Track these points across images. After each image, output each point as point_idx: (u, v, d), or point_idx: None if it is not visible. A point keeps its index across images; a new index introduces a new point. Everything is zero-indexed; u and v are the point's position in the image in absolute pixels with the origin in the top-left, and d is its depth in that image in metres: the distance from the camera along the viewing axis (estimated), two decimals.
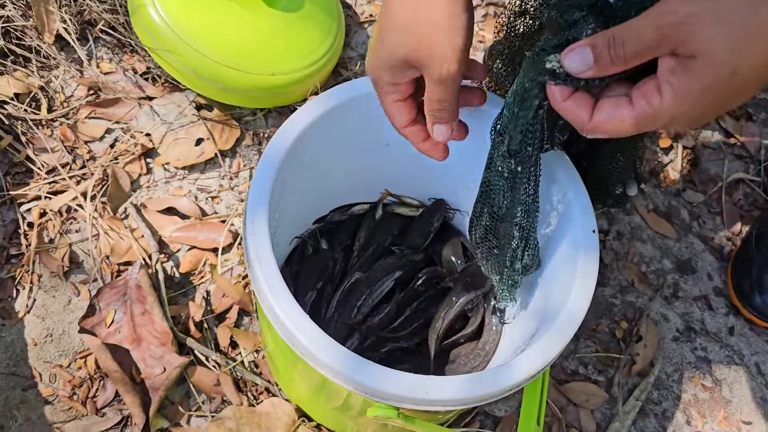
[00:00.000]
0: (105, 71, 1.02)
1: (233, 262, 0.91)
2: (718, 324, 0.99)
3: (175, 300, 0.88)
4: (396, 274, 0.85)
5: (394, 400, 0.56)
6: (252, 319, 0.89)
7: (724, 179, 1.10)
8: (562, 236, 0.68)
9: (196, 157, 0.97)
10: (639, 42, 0.41)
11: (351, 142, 0.72)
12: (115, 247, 0.89)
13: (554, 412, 0.88)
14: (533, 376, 0.60)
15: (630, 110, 0.43)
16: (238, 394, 0.83)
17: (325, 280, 0.84)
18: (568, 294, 0.63)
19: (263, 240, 0.58)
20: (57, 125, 0.97)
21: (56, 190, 0.93)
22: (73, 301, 0.87)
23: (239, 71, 0.94)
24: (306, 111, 0.65)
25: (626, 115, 0.43)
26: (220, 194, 0.96)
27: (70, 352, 0.84)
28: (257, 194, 0.60)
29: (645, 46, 0.40)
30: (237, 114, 1.02)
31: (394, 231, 0.88)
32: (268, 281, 0.56)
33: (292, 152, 0.63)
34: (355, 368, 0.54)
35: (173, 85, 1.01)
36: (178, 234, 0.92)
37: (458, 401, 0.56)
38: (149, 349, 0.83)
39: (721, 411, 0.93)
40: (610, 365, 0.93)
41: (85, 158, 0.95)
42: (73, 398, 0.81)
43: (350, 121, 0.69)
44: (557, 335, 0.61)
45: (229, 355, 0.86)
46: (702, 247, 1.04)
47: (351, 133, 0.71)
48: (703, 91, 0.40)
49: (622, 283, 0.99)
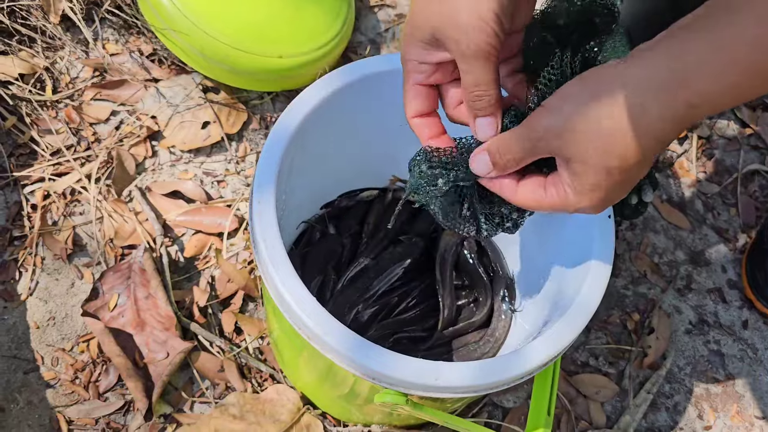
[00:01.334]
0: (111, 52, 1.00)
1: (239, 248, 0.90)
2: (732, 317, 0.97)
3: (179, 285, 0.87)
4: (406, 262, 0.83)
5: (403, 386, 0.54)
6: (257, 305, 0.88)
7: (740, 170, 1.08)
8: (575, 221, 0.66)
9: (202, 140, 0.96)
10: (520, 150, 0.45)
11: (360, 122, 0.71)
12: (119, 230, 0.88)
13: (563, 403, 0.87)
14: (545, 364, 0.58)
15: (545, 195, 0.46)
16: (242, 380, 0.81)
17: (332, 265, 0.82)
18: (583, 281, 0.61)
19: (270, 220, 0.56)
20: (62, 107, 0.96)
21: (60, 172, 0.91)
22: (76, 284, 0.85)
23: (247, 53, 0.92)
24: (315, 89, 0.64)
25: (543, 198, 0.46)
26: (226, 178, 0.95)
27: (72, 335, 0.83)
28: (265, 172, 0.58)
29: (526, 153, 0.44)
30: (244, 97, 1.00)
31: (402, 217, 0.87)
32: (274, 262, 0.54)
33: (300, 131, 0.62)
34: (363, 352, 0.53)
35: (180, 67, 1.00)
36: (183, 218, 0.90)
37: (469, 388, 0.55)
38: (153, 333, 0.82)
39: (733, 405, 0.91)
40: (621, 357, 0.91)
41: (90, 140, 0.94)
42: (75, 382, 0.80)
43: (360, 101, 0.67)
44: (570, 323, 0.59)
45: (233, 341, 0.84)
46: (716, 238, 1.02)
47: (360, 113, 0.69)
48: (593, 188, 0.43)
49: (634, 274, 0.97)
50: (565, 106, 0.41)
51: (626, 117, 0.39)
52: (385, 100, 0.63)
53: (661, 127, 0.39)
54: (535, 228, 0.70)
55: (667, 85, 0.38)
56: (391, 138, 0.77)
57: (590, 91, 0.41)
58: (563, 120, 0.41)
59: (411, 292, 0.83)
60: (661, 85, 0.38)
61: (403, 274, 0.83)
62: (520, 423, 0.84)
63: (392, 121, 0.73)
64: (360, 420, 0.80)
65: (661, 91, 0.38)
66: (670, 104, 0.39)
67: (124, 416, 0.79)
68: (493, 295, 0.81)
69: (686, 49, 0.38)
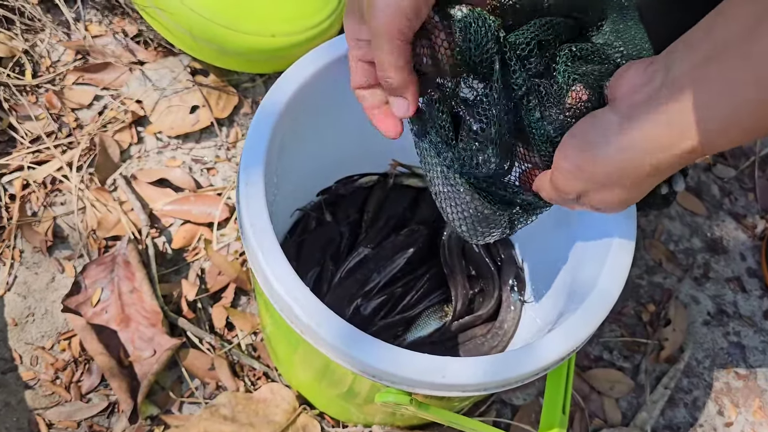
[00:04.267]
0: (94, 34, 0.95)
1: (230, 238, 0.85)
2: (752, 307, 0.92)
3: (166, 278, 0.82)
4: (408, 252, 0.78)
5: (406, 384, 0.49)
6: (249, 299, 0.83)
7: (757, 153, 1.03)
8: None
9: (190, 125, 0.91)
10: (574, 191, 0.46)
11: (356, 100, 0.65)
12: (103, 220, 0.83)
13: (577, 400, 0.82)
14: (561, 359, 0.53)
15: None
16: (234, 379, 0.76)
17: (330, 255, 0.77)
18: (600, 269, 0.56)
19: (258, 203, 0.51)
20: (42, 92, 0.91)
21: (40, 160, 0.86)
22: (56, 279, 0.80)
23: (237, 32, 0.86)
24: (307, 62, 0.58)
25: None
26: (216, 165, 0.90)
27: (53, 333, 0.78)
28: (252, 152, 0.53)
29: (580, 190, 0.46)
30: (235, 80, 0.95)
31: (404, 204, 0.82)
32: (263, 248, 0.49)
33: (290, 107, 0.57)
34: (361, 347, 0.48)
35: (167, 49, 0.94)
36: (171, 207, 0.85)
37: (478, 386, 0.50)
38: (138, 330, 0.77)
39: (755, 400, 0.86)
40: (637, 351, 0.86)
41: (72, 126, 0.89)
42: (55, 382, 0.75)
43: None
44: (588, 315, 0.54)
45: (224, 338, 0.79)
46: (734, 225, 0.97)
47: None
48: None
49: (649, 263, 0.92)
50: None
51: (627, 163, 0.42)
52: None
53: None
54: (548, 211, 0.65)
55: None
56: None
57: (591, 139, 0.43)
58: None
59: (416, 283, 0.78)
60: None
61: (405, 264, 0.78)
62: (530, 421, 0.79)
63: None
64: (360, 420, 0.75)
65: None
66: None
67: (108, 418, 0.74)
68: (501, 285, 0.76)
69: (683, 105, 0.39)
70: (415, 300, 0.78)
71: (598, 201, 0.45)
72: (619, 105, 0.43)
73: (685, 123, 0.39)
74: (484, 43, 0.43)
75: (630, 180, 0.43)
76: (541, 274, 0.73)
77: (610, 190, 0.44)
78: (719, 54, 0.39)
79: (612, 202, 0.45)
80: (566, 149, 0.45)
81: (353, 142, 0.74)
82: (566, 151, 0.44)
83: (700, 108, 0.39)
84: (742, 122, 0.38)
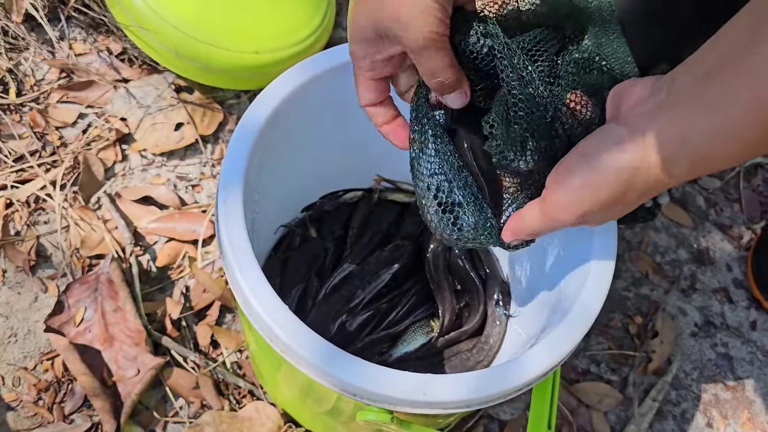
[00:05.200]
0: (78, 53, 0.95)
1: (215, 255, 0.84)
2: (739, 318, 0.92)
3: (151, 296, 0.81)
4: (394, 268, 0.78)
5: (387, 402, 0.49)
6: (235, 316, 0.82)
7: (742, 164, 1.03)
8: None
9: (175, 142, 0.90)
10: (541, 230, 0.47)
11: (339, 116, 0.65)
12: (86, 239, 0.82)
13: (564, 414, 0.81)
14: (545, 373, 0.53)
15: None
16: (218, 397, 0.76)
17: (315, 271, 0.77)
18: (583, 282, 0.56)
19: (237, 221, 0.51)
20: (26, 110, 0.90)
21: (24, 179, 0.86)
22: (39, 298, 0.80)
23: (221, 49, 0.87)
24: (287, 78, 0.58)
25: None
26: (201, 182, 0.89)
27: (35, 353, 0.77)
28: (231, 170, 0.53)
29: (547, 230, 0.47)
30: (219, 97, 0.95)
31: (389, 219, 0.82)
32: (241, 266, 0.49)
33: (270, 125, 0.56)
34: (341, 366, 0.47)
35: (151, 67, 0.94)
36: (155, 225, 0.85)
37: (461, 403, 0.49)
38: (122, 349, 0.76)
39: (744, 412, 0.86)
40: (624, 363, 0.86)
41: (56, 145, 0.88)
42: (38, 404, 0.74)
43: (337, 92, 0.62)
44: (571, 328, 0.54)
45: (209, 356, 0.79)
46: (720, 235, 0.97)
47: (338, 105, 0.63)
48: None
49: (636, 275, 0.92)
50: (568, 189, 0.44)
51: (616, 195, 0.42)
52: None
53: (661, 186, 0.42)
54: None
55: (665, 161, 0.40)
56: (375, 134, 0.71)
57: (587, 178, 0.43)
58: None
59: (401, 298, 0.78)
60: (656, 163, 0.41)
61: (390, 279, 0.78)
62: None
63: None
64: None
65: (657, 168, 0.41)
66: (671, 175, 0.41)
67: None
68: (486, 300, 0.76)
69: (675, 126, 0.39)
70: (400, 316, 0.78)
71: (601, 220, 0.45)
72: (625, 117, 0.43)
73: (687, 136, 0.39)
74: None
75: (636, 193, 0.42)
76: (525, 287, 0.73)
77: (614, 206, 0.43)
78: (717, 69, 0.38)
79: (612, 218, 0.45)
80: (571, 164, 0.44)
81: (337, 158, 0.74)
82: (572, 168, 0.44)
83: (699, 121, 0.39)
84: (741, 138, 0.38)
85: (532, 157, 0.45)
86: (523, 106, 0.45)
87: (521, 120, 0.45)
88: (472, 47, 0.46)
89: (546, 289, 0.65)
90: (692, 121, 0.39)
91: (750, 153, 0.39)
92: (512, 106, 0.44)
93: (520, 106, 0.44)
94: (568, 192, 0.44)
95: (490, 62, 0.46)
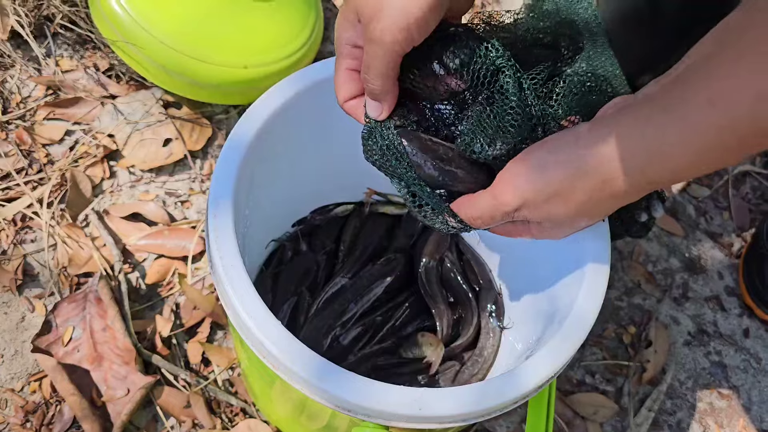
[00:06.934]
0: (65, 69, 0.94)
1: (205, 272, 0.83)
2: (732, 326, 0.92)
3: (140, 314, 0.80)
4: (386, 281, 0.77)
5: (383, 417, 0.48)
6: (226, 333, 0.81)
7: (730, 172, 1.04)
8: None
9: (164, 158, 0.90)
10: (491, 220, 0.48)
11: (329, 129, 0.65)
12: (74, 257, 0.81)
13: (560, 426, 0.81)
14: (542, 385, 0.52)
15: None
16: (210, 416, 0.74)
17: (306, 285, 0.76)
18: (577, 291, 0.56)
19: (227, 236, 0.50)
20: (12, 128, 0.90)
21: (10, 197, 0.85)
22: (27, 318, 0.78)
23: (209, 64, 0.86)
24: (276, 92, 0.58)
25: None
26: (191, 198, 0.89)
27: (23, 374, 0.75)
28: (221, 185, 0.52)
29: (497, 221, 0.48)
30: (208, 112, 0.94)
31: (380, 232, 0.81)
32: (231, 281, 0.48)
33: (260, 138, 0.56)
34: (335, 382, 0.46)
35: (138, 83, 0.94)
36: (145, 242, 0.84)
37: (457, 417, 0.49)
38: (111, 368, 0.75)
39: (740, 420, 0.86)
40: (619, 373, 0.86)
41: (43, 162, 0.87)
42: (26, 426, 0.73)
43: (327, 105, 0.61)
44: (567, 339, 0.54)
45: (200, 374, 0.78)
46: (710, 244, 0.98)
47: (328, 119, 0.63)
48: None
49: (628, 285, 0.92)
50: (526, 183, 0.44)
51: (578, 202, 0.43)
52: None
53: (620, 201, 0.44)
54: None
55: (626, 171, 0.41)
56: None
57: (548, 179, 0.43)
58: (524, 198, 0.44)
59: (395, 312, 0.77)
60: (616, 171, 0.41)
61: (383, 293, 0.77)
62: None
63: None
64: None
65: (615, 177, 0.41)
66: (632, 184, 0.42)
67: None
68: (479, 312, 0.75)
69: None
70: (394, 329, 0.77)
71: (543, 213, 0.44)
72: (595, 119, 0.44)
73: (644, 133, 0.39)
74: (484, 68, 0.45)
75: (584, 192, 0.42)
76: (519, 299, 0.72)
77: (558, 202, 0.43)
78: (682, 76, 0.39)
79: (557, 216, 0.44)
80: (531, 149, 0.44)
81: (327, 172, 0.73)
82: (529, 151, 0.44)
83: (655, 119, 0.39)
84: (696, 140, 0.38)
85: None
86: (514, 117, 0.45)
87: (512, 129, 0.45)
88: (451, 61, 0.45)
89: (540, 300, 0.64)
90: (649, 120, 0.39)
91: (707, 157, 0.39)
92: (505, 114, 0.45)
93: (513, 116, 0.45)
94: (513, 169, 0.44)
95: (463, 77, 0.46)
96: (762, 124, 0.36)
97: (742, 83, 0.36)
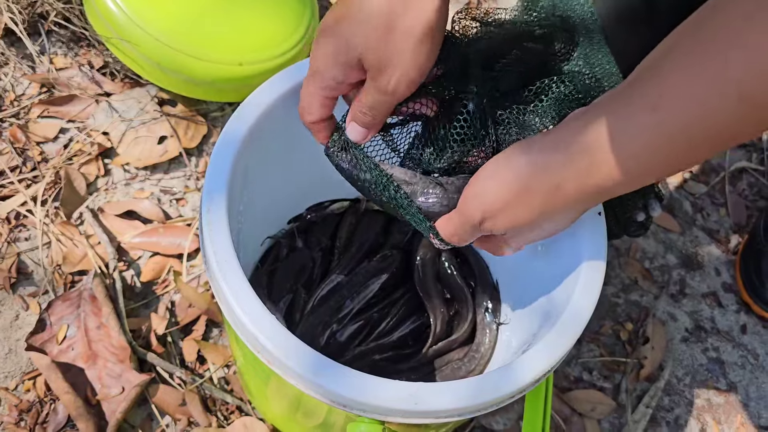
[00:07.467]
0: (59, 67, 0.94)
1: (200, 269, 0.83)
2: (729, 322, 0.92)
3: (136, 312, 0.80)
4: (382, 278, 0.77)
5: (378, 412, 0.47)
6: (222, 330, 0.81)
7: (727, 168, 1.04)
8: None
9: (158, 156, 0.89)
10: (466, 235, 0.49)
11: None
12: (69, 255, 0.81)
13: (557, 423, 0.80)
14: (538, 380, 0.52)
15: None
16: (206, 414, 0.74)
17: (302, 283, 0.76)
18: (574, 286, 0.56)
19: (221, 230, 0.50)
20: (6, 126, 0.89)
21: (4, 195, 0.84)
22: (21, 316, 0.78)
23: (204, 61, 0.86)
24: (270, 87, 0.58)
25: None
26: (186, 196, 0.88)
27: (17, 373, 0.75)
28: (214, 180, 0.52)
29: (470, 236, 0.50)
30: (203, 109, 0.94)
31: (376, 229, 0.81)
32: (225, 276, 0.48)
33: (253, 133, 0.56)
34: (330, 377, 0.46)
35: (133, 80, 0.93)
36: (139, 239, 0.84)
37: (453, 411, 0.48)
38: (106, 366, 0.75)
39: (737, 416, 0.85)
40: (616, 370, 0.85)
41: (37, 160, 0.87)
42: (20, 425, 0.72)
43: None
44: (563, 334, 0.53)
45: (196, 372, 0.77)
46: (707, 240, 0.98)
47: None
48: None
49: (625, 281, 0.92)
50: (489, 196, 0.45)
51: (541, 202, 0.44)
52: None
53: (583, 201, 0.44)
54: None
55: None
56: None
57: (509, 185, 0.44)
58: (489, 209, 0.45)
59: (391, 308, 0.77)
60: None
61: (379, 289, 0.77)
62: None
63: None
64: None
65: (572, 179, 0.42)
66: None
67: None
68: (475, 308, 0.75)
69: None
70: (391, 325, 0.77)
71: (506, 221, 0.45)
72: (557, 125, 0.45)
73: (582, 143, 0.41)
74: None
75: (540, 194, 0.43)
76: (515, 295, 0.72)
77: (517, 206, 0.44)
78: (634, 80, 0.41)
79: (518, 221, 0.44)
80: (493, 160, 0.45)
81: (322, 168, 0.73)
82: (492, 161, 0.45)
83: (605, 130, 0.40)
84: (640, 140, 0.39)
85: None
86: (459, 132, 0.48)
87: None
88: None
89: (536, 295, 0.64)
90: (598, 119, 0.40)
91: (656, 159, 0.40)
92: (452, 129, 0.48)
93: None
94: (474, 182, 0.45)
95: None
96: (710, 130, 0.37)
97: (680, 91, 0.37)
